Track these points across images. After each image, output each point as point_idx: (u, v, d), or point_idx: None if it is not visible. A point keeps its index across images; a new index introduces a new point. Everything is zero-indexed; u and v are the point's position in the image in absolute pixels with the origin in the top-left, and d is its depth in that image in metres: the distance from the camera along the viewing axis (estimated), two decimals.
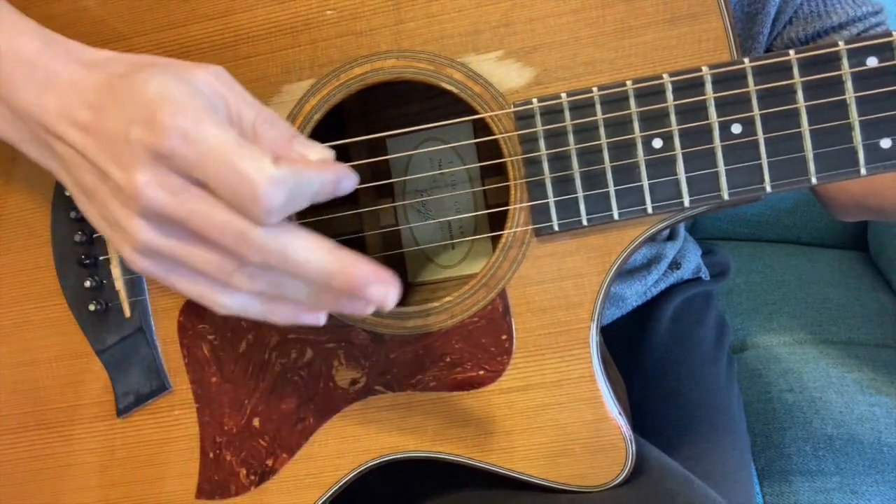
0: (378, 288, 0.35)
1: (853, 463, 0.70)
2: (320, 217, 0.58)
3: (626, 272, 0.68)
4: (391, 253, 0.60)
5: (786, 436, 0.73)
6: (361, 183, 0.57)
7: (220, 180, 0.33)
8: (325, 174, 0.35)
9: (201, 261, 0.35)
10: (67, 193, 0.41)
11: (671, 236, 0.73)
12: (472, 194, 0.58)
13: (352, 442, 0.49)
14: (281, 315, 0.37)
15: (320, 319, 0.38)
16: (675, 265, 0.72)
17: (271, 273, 0.35)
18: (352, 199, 0.59)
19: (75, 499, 0.52)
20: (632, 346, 0.69)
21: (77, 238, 0.50)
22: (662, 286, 0.71)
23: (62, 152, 0.37)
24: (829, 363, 0.80)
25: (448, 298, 0.47)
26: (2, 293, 0.52)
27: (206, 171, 0.33)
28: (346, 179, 0.36)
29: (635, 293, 0.69)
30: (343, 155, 0.57)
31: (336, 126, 0.57)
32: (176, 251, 0.35)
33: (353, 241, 0.59)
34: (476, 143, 0.57)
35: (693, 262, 0.73)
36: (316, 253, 0.35)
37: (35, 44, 0.38)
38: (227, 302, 0.36)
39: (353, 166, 0.56)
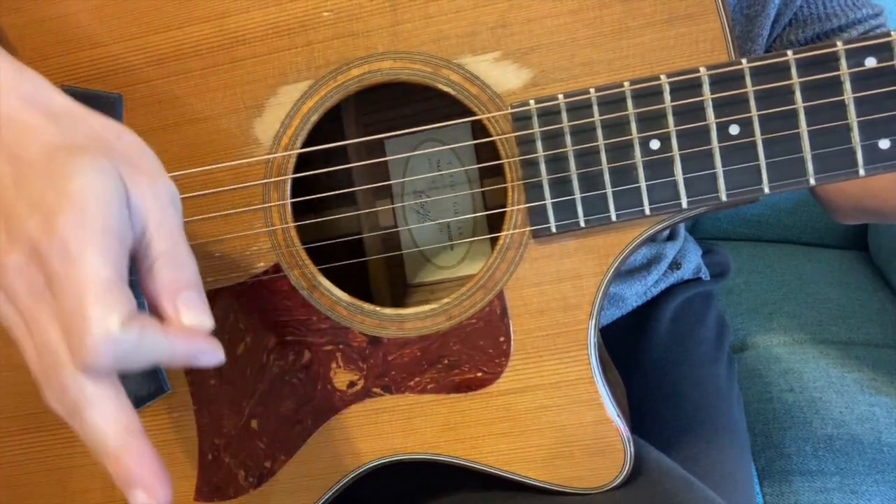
0: (140, 496, 0.33)
1: (853, 463, 0.70)
2: (320, 219, 0.58)
3: (626, 272, 0.68)
4: (390, 254, 0.60)
5: (786, 436, 0.73)
6: (361, 184, 0.58)
7: (64, 309, 0.32)
8: (181, 345, 0.33)
9: (27, 352, 0.34)
10: None
11: (671, 236, 0.73)
12: (470, 196, 0.58)
13: (350, 444, 0.49)
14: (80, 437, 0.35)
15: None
16: (675, 265, 0.71)
17: (63, 410, 0.34)
18: (350, 201, 0.59)
19: (77, 500, 0.52)
20: (632, 347, 0.69)
21: None
22: (662, 286, 0.71)
23: None
24: (829, 363, 0.80)
25: (446, 300, 0.47)
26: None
27: (62, 291, 0.32)
28: (206, 354, 0.34)
29: (635, 293, 0.69)
30: (341, 156, 0.57)
31: (334, 128, 0.57)
32: (13, 329, 0.34)
33: (352, 242, 0.59)
34: (475, 145, 0.57)
35: (693, 262, 0.73)
36: (105, 425, 0.33)
37: (7, 73, 0.36)
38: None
39: (351, 168, 0.56)
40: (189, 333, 0.34)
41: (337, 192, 0.54)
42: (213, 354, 0.34)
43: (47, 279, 0.32)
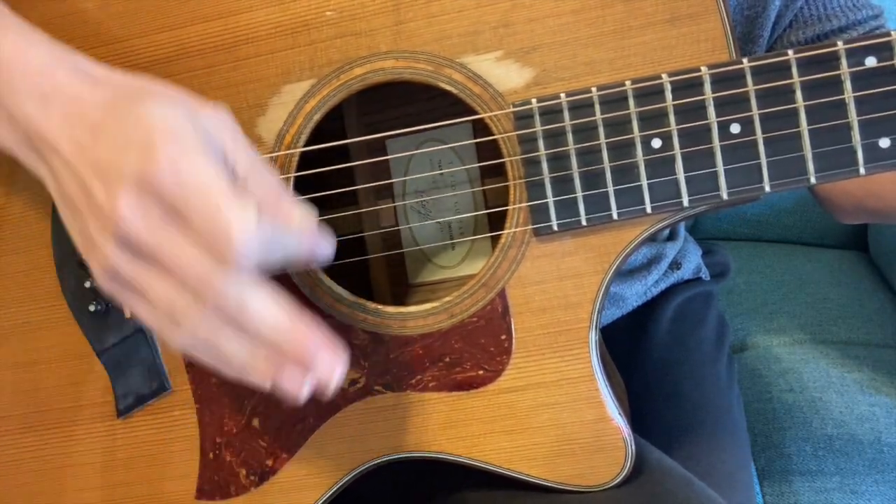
0: (326, 358, 0.35)
1: (853, 463, 0.70)
2: (321, 217, 0.58)
3: (627, 272, 0.68)
4: (391, 253, 0.60)
5: (786, 436, 0.73)
6: (362, 183, 0.58)
7: (201, 219, 0.33)
8: (304, 237, 0.35)
9: (159, 294, 0.35)
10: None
11: (671, 236, 0.73)
12: (471, 195, 0.58)
13: (351, 442, 0.49)
14: (225, 367, 0.36)
15: (266, 384, 0.37)
16: (675, 265, 0.72)
17: (220, 323, 0.35)
18: (352, 200, 0.59)
19: (76, 499, 0.52)
20: (632, 347, 0.69)
21: None
22: (663, 286, 0.71)
23: (53, 163, 0.37)
24: (829, 363, 0.80)
25: (447, 298, 0.48)
26: (2, 294, 0.52)
27: (188, 206, 0.33)
28: (322, 247, 0.36)
29: (635, 293, 0.69)
30: (343, 156, 0.57)
31: (336, 127, 0.58)
32: (138, 279, 0.35)
33: (353, 241, 0.59)
34: (476, 144, 0.57)
35: (693, 262, 0.73)
36: (272, 311, 0.34)
37: (43, 54, 0.38)
38: (176, 340, 0.36)
39: (352, 167, 0.56)
40: (306, 228, 0.36)
41: (338, 190, 0.54)
42: (327, 248, 0.36)
43: (169, 205, 0.33)
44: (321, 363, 0.35)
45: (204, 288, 0.34)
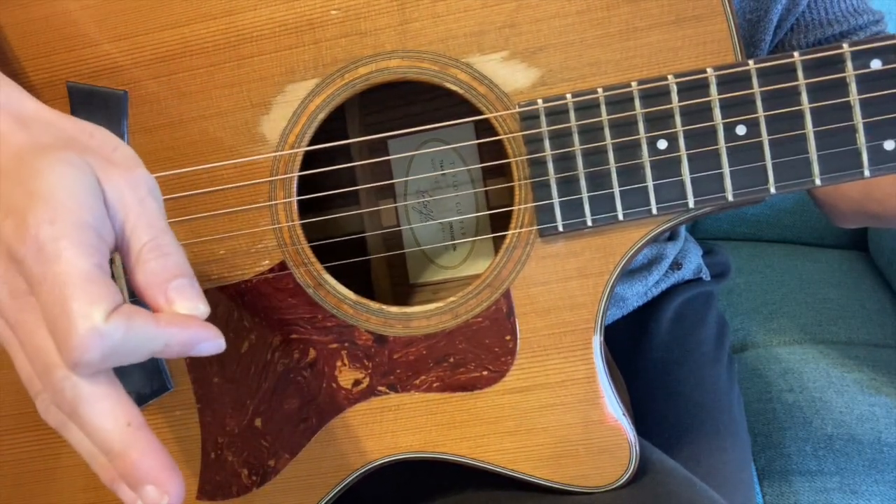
0: (151, 492, 0.32)
1: (853, 463, 0.70)
2: (322, 217, 0.58)
3: (627, 273, 0.68)
4: (392, 254, 0.60)
5: (786, 436, 0.73)
6: (364, 183, 0.58)
7: (48, 309, 0.31)
8: (176, 333, 0.32)
9: (18, 361, 0.33)
10: None
11: (672, 237, 0.73)
12: (473, 195, 0.58)
13: (354, 443, 0.49)
14: (76, 446, 0.34)
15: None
16: (675, 265, 0.72)
17: (62, 415, 0.33)
18: (353, 200, 0.59)
19: (75, 499, 0.52)
20: (632, 347, 0.69)
21: None
22: (663, 286, 0.71)
23: None
24: (829, 363, 0.80)
25: (452, 299, 0.47)
26: None
27: (41, 292, 0.31)
28: (205, 342, 0.33)
29: (636, 294, 0.69)
30: (344, 155, 0.57)
31: (338, 127, 0.57)
32: (3, 340, 0.34)
33: (355, 241, 0.59)
34: (478, 145, 0.57)
35: (694, 262, 0.73)
36: (105, 422, 0.31)
37: None
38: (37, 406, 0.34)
39: (354, 167, 0.56)
40: (184, 321, 0.32)
41: (340, 190, 0.54)
42: (212, 341, 0.33)
43: (28, 282, 0.31)
44: (146, 493, 0.32)
45: (44, 379, 0.32)
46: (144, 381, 0.50)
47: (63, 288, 0.30)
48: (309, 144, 0.48)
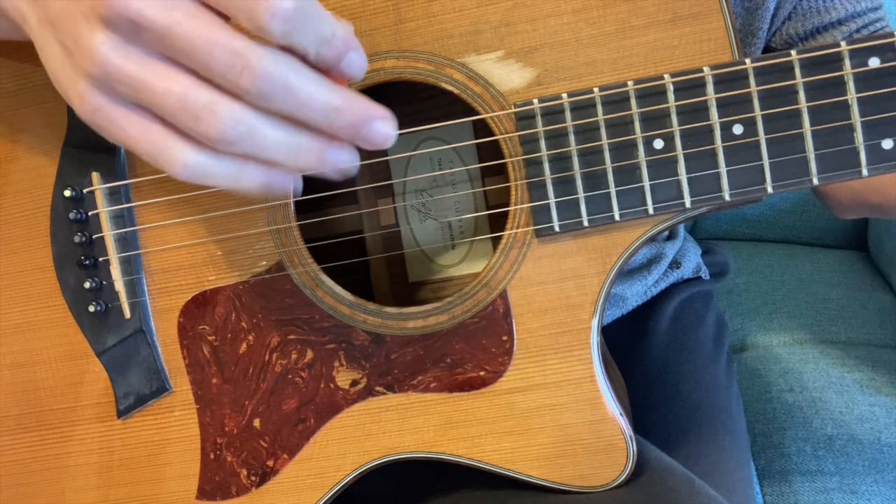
0: (382, 124, 0.33)
1: (853, 463, 0.70)
2: (321, 217, 0.58)
3: (627, 272, 0.68)
4: (391, 253, 0.59)
5: (786, 436, 0.73)
6: (361, 183, 0.58)
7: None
8: (343, 32, 0.32)
9: (169, 88, 0.30)
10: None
11: (671, 236, 0.73)
12: (472, 195, 0.58)
13: (353, 443, 0.49)
14: (250, 178, 0.32)
15: (290, 187, 0.34)
16: (675, 265, 0.71)
17: (254, 111, 0.30)
18: (352, 200, 0.58)
19: (76, 500, 0.52)
20: (632, 346, 0.69)
21: (76, 239, 0.49)
22: (662, 286, 0.71)
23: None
24: (829, 363, 0.80)
25: (449, 299, 0.47)
26: (1, 294, 0.52)
27: None
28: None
29: (635, 293, 0.69)
30: None
31: None
32: (139, 74, 0.30)
33: (354, 241, 0.59)
34: (476, 144, 0.57)
35: (693, 261, 0.73)
36: (321, 83, 0.31)
37: None
38: (186, 158, 0.31)
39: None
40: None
41: (339, 190, 0.54)
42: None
43: None
44: (377, 127, 0.33)
45: (237, 65, 0.29)
46: (144, 382, 0.50)
47: None
48: None
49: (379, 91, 0.51)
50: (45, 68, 0.34)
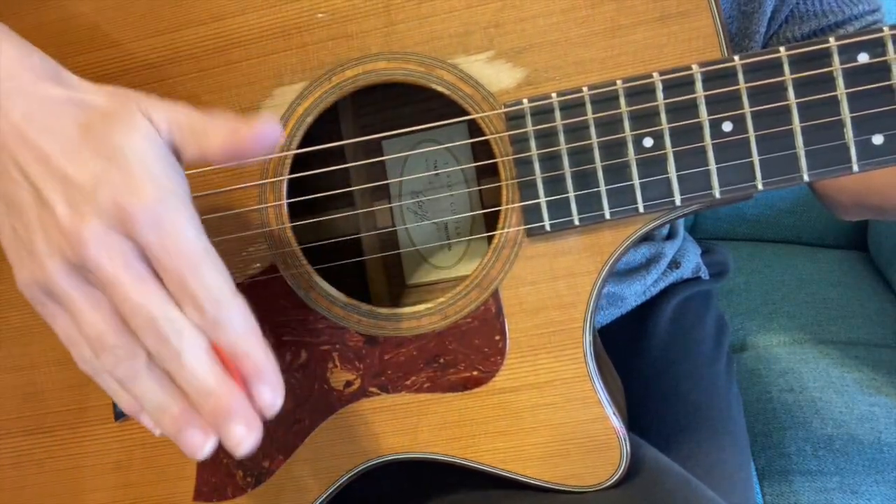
0: (240, 430, 0.35)
1: (853, 463, 0.69)
2: (317, 219, 0.58)
3: (626, 272, 0.68)
4: (387, 254, 0.60)
5: (786, 436, 0.73)
6: (358, 184, 0.58)
7: (182, 280, 0.34)
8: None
9: (90, 322, 0.35)
10: None
11: (670, 235, 0.72)
12: (467, 195, 0.58)
13: (347, 443, 0.49)
14: (125, 404, 0.38)
15: (155, 431, 0.38)
16: (674, 264, 0.71)
17: (146, 367, 0.35)
18: (348, 201, 0.59)
19: (75, 502, 0.52)
20: (631, 346, 0.68)
21: None
22: (662, 286, 0.71)
23: (4, 161, 0.36)
24: (829, 363, 0.79)
25: (441, 299, 0.48)
26: (1, 298, 0.52)
27: (166, 261, 0.34)
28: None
29: (634, 293, 0.69)
30: (339, 157, 0.57)
31: (332, 128, 0.58)
32: (73, 302, 0.35)
33: (350, 242, 0.59)
34: (472, 144, 0.57)
35: (692, 261, 0.73)
36: (209, 366, 0.35)
37: (12, 51, 0.37)
38: (85, 364, 0.36)
39: (348, 168, 0.56)
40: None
41: (334, 192, 0.54)
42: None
43: (138, 246, 0.34)
44: (234, 430, 0.35)
45: (147, 328, 0.34)
46: None
47: (196, 263, 0.34)
48: (299, 147, 0.48)
49: (375, 92, 0.51)
50: None
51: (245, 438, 0.35)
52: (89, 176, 0.34)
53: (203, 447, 0.35)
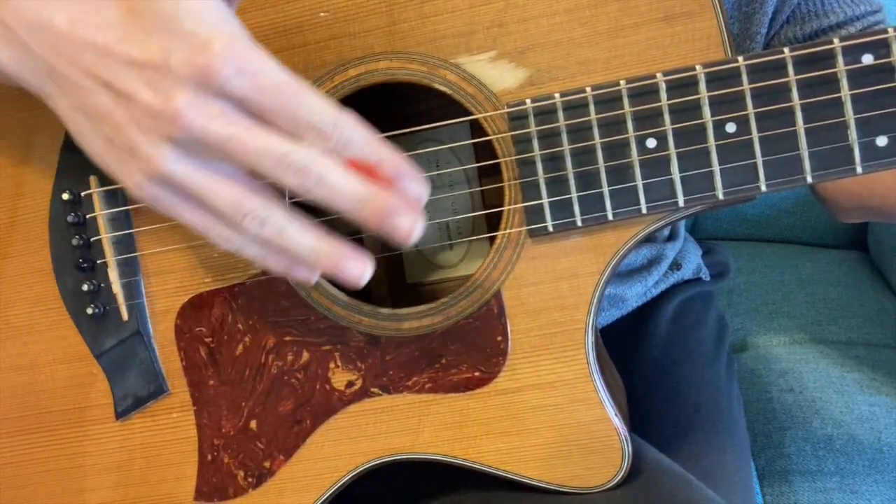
0: (406, 220, 0.35)
1: (853, 463, 0.69)
2: (318, 219, 0.58)
3: (627, 273, 0.68)
4: (389, 254, 0.60)
5: (786, 436, 0.73)
6: None
7: (287, 111, 0.33)
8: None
9: (220, 196, 0.35)
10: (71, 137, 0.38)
11: (671, 237, 0.72)
12: (469, 195, 0.58)
13: (349, 444, 0.49)
14: (275, 264, 0.37)
15: (312, 278, 0.38)
16: (675, 266, 0.71)
17: (283, 219, 0.35)
18: None
19: (75, 501, 0.52)
20: (632, 347, 0.68)
21: (74, 242, 0.50)
22: (663, 287, 0.71)
23: (68, 74, 0.35)
24: (829, 363, 0.79)
25: (443, 300, 0.47)
26: (1, 297, 0.52)
27: (269, 101, 0.33)
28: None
29: (635, 294, 0.69)
30: None
31: None
32: (196, 183, 0.34)
33: (352, 242, 0.59)
34: (474, 144, 0.57)
35: (693, 262, 0.73)
36: (352, 177, 0.35)
37: None
38: (227, 242, 0.36)
39: None
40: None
41: None
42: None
43: (233, 99, 0.33)
44: (403, 220, 0.35)
45: (280, 165, 0.34)
46: (142, 384, 0.51)
47: (294, 91, 0.33)
48: None
49: (377, 91, 0.51)
50: (81, 144, 0.37)
51: (413, 225, 0.35)
52: (156, 50, 0.33)
53: (363, 274, 0.36)
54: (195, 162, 0.34)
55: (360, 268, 0.36)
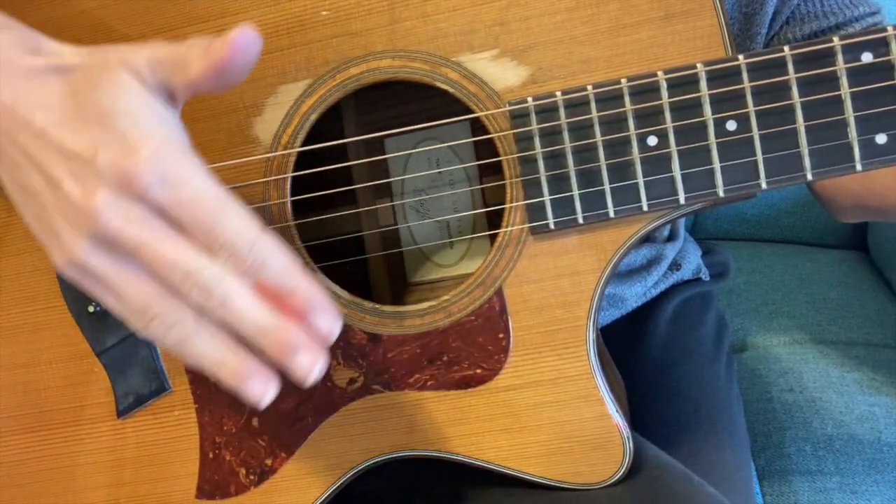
0: (306, 359, 0.34)
1: (853, 463, 0.69)
2: (319, 217, 0.58)
3: (627, 273, 0.68)
4: (390, 252, 0.60)
5: (786, 436, 0.73)
6: (361, 182, 0.58)
7: (206, 226, 0.33)
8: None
9: (132, 292, 0.34)
10: None
11: (671, 237, 0.72)
12: (470, 193, 0.58)
13: (350, 441, 0.49)
14: (197, 363, 0.37)
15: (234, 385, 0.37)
16: (675, 266, 0.71)
17: (196, 322, 0.35)
18: (350, 199, 0.59)
19: (76, 499, 0.52)
20: (632, 347, 0.69)
21: None
22: (662, 287, 0.71)
23: (6, 148, 0.35)
24: (829, 363, 0.79)
25: (445, 297, 0.48)
26: (2, 295, 0.52)
27: (189, 215, 0.33)
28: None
29: (635, 294, 0.69)
30: (341, 155, 0.57)
31: (335, 126, 0.58)
32: (111, 277, 0.34)
33: (352, 240, 0.59)
34: (474, 142, 0.57)
35: (693, 262, 0.73)
36: (257, 306, 0.34)
37: None
38: (148, 332, 0.36)
39: (351, 166, 0.57)
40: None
41: (337, 190, 0.54)
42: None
43: (151, 204, 0.33)
44: (300, 359, 0.34)
45: (186, 283, 0.33)
46: (143, 382, 0.51)
47: (219, 207, 0.33)
48: (303, 145, 0.48)
49: (378, 90, 0.51)
50: (18, 211, 0.37)
51: (312, 366, 0.35)
52: (87, 143, 0.33)
53: (264, 395, 0.35)
54: (112, 258, 0.34)
55: (261, 389, 0.35)
